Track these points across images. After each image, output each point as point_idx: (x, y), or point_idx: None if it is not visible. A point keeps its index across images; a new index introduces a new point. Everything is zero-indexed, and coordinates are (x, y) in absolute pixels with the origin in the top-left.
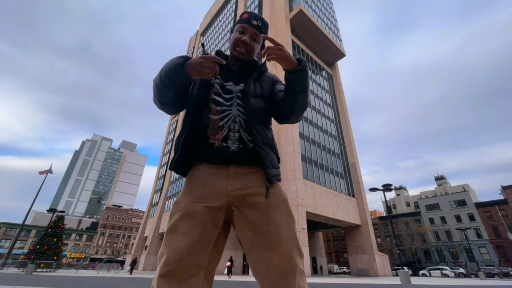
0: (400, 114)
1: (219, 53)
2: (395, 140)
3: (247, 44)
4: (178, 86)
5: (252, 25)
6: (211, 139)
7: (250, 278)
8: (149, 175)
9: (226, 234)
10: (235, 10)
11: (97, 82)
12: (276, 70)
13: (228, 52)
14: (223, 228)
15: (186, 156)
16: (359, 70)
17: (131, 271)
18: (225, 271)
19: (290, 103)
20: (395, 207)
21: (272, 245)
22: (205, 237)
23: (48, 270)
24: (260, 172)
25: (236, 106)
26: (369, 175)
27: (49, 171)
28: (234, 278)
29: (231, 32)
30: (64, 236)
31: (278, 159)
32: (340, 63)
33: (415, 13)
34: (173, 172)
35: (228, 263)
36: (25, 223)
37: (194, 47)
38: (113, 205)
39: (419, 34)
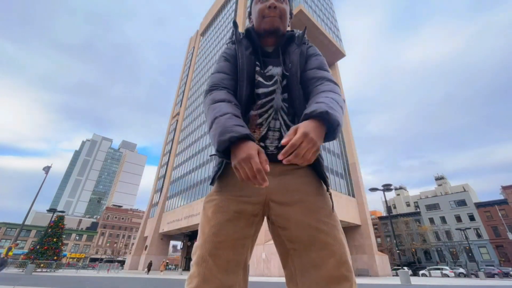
0: (405, 113)
1: (249, 32)
2: (399, 139)
3: (276, 7)
4: None
5: None
6: None
7: (251, 278)
8: (149, 175)
9: (259, 229)
10: (235, 10)
11: (100, 81)
12: None
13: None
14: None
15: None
16: (364, 69)
17: (148, 271)
18: None
19: None
20: (395, 207)
21: (322, 246)
22: (240, 234)
23: (48, 270)
24: (303, 169)
25: (280, 95)
26: (371, 174)
27: (47, 170)
28: None
29: (249, 12)
30: (64, 236)
31: None
32: (345, 63)
33: (422, 11)
34: (173, 172)
35: None
36: (25, 223)
37: (194, 47)
38: (113, 205)
39: (426, 33)
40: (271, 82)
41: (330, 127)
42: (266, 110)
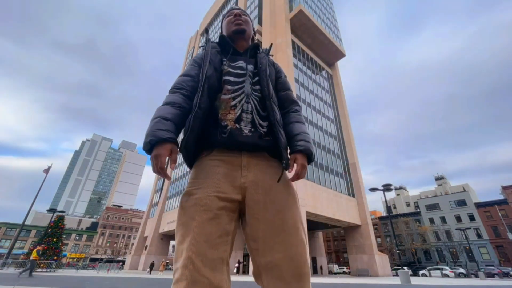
0: (406, 113)
1: (223, 36)
2: (400, 139)
3: (240, 15)
4: None
5: (236, 9)
6: (223, 120)
7: (248, 278)
8: (149, 175)
9: (237, 225)
10: None
11: (100, 81)
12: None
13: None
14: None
15: (195, 138)
16: (365, 69)
17: (150, 272)
18: (234, 270)
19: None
20: (395, 207)
21: (286, 247)
22: (223, 231)
23: (48, 270)
24: (277, 168)
25: (249, 84)
26: (372, 174)
27: (47, 170)
28: (236, 278)
29: (221, 32)
30: (64, 236)
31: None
32: (345, 63)
33: (423, 11)
34: (173, 172)
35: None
36: (25, 223)
37: (194, 47)
38: (113, 205)
39: (427, 33)
40: (241, 72)
41: (310, 159)
42: (239, 94)
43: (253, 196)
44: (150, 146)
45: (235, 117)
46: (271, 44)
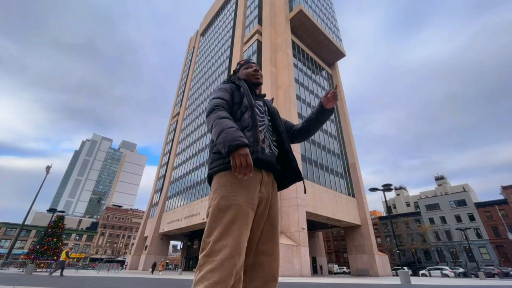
0: (406, 113)
1: (246, 81)
2: (401, 139)
3: (258, 70)
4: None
5: (253, 63)
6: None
7: None
8: (149, 175)
9: None
10: (235, 10)
11: (100, 81)
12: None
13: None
14: None
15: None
16: (365, 69)
17: (152, 271)
18: None
19: (311, 131)
20: (395, 207)
21: (271, 253)
22: (248, 236)
23: (48, 270)
24: (275, 190)
25: (267, 120)
26: (372, 174)
27: (47, 170)
28: None
29: (237, 71)
30: (64, 236)
31: None
32: (345, 63)
33: (424, 11)
34: (173, 172)
35: None
36: (25, 223)
37: (194, 47)
38: (113, 205)
39: (428, 32)
40: (263, 110)
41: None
42: (263, 123)
43: (261, 209)
44: (236, 148)
45: (262, 138)
46: (273, 98)
